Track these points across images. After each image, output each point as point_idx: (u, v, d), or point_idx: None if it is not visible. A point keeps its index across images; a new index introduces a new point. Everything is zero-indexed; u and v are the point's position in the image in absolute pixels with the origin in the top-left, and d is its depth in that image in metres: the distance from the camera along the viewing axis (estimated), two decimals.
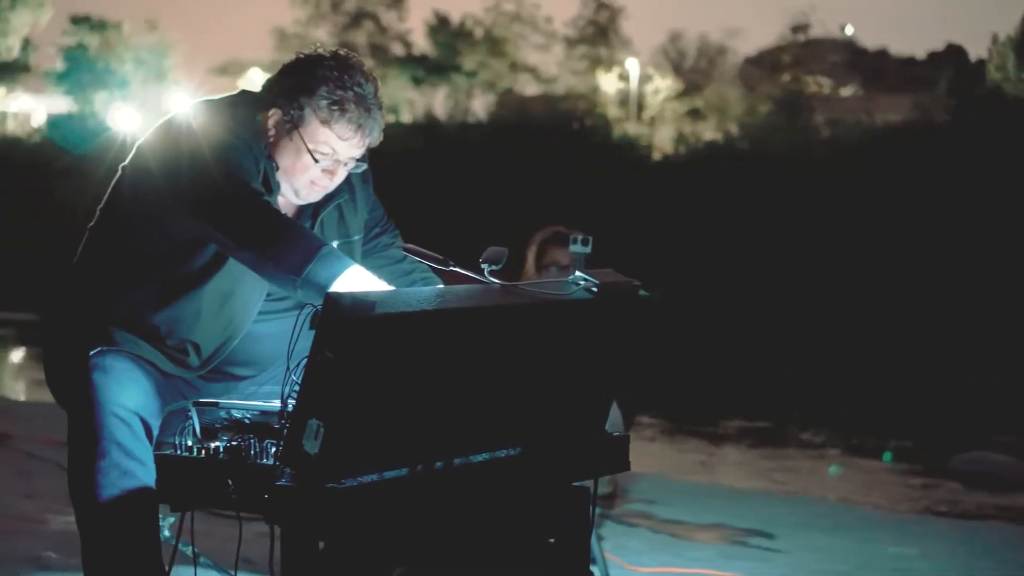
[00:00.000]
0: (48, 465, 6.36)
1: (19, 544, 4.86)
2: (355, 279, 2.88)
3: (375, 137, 3.26)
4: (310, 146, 3.20)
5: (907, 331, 19.54)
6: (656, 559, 5.03)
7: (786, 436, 10.92)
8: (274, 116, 3.24)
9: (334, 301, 2.50)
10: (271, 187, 3.24)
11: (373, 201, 3.52)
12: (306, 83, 3.21)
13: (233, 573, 3.23)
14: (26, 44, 62.57)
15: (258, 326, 3.31)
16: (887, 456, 9.96)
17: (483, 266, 3.01)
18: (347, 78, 3.20)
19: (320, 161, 3.22)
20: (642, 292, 3.10)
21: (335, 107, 3.17)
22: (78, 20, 59.22)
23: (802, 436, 11.02)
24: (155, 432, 3.13)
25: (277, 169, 3.25)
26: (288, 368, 2.80)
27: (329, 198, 3.34)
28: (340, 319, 2.49)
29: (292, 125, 3.21)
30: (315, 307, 2.69)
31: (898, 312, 21.91)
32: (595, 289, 2.99)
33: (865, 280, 24.81)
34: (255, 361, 3.36)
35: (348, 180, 3.36)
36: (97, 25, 58.75)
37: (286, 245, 2.94)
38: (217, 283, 3.21)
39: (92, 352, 3.17)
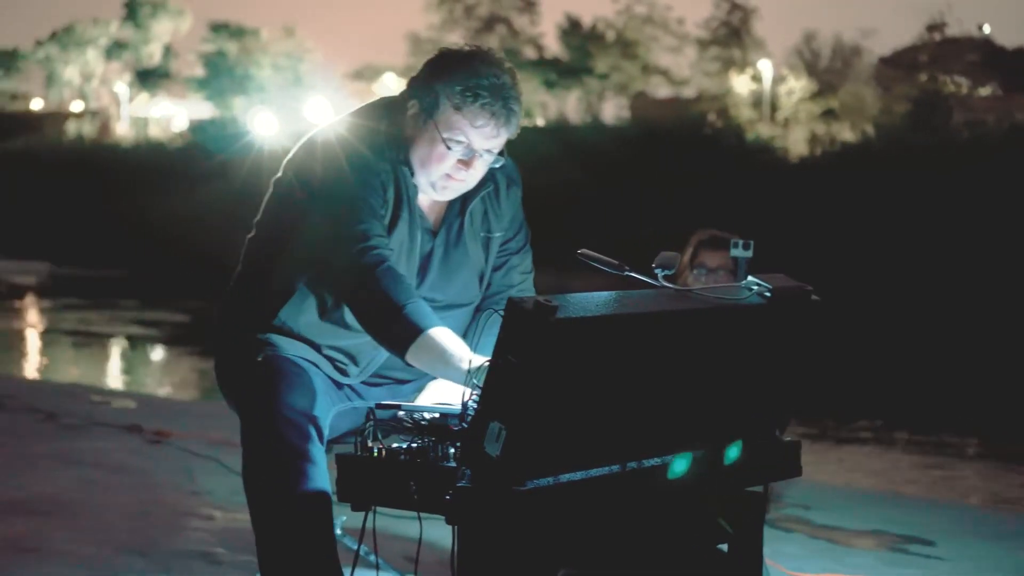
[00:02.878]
0: (208, 463, 6.50)
1: (189, 539, 4.97)
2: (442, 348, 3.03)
3: (511, 128, 3.26)
4: (444, 134, 3.23)
5: None
6: (816, 564, 4.99)
7: (939, 441, 10.76)
8: (412, 109, 3.29)
9: (516, 305, 2.53)
10: (401, 198, 3.28)
11: (517, 208, 3.52)
12: (442, 72, 3.25)
13: (414, 572, 3.27)
14: (167, 51, 63.98)
15: None
16: None
17: (656, 271, 3.03)
18: (482, 67, 3.22)
19: (452, 149, 3.24)
20: (815, 297, 3.09)
21: (468, 93, 3.20)
22: (217, 27, 60.31)
23: (956, 441, 10.85)
24: (326, 433, 3.20)
25: (413, 175, 3.30)
26: (468, 372, 2.85)
27: (475, 191, 3.38)
28: (522, 323, 2.53)
29: (427, 114, 3.25)
30: (496, 311, 2.72)
31: None
32: (768, 294, 2.99)
33: (1008, 284, 24.29)
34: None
35: (493, 177, 3.39)
36: (236, 32, 59.77)
37: (385, 335, 3.11)
38: None
39: (260, 357, 3.25)
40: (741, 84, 48.66)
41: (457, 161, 3.26)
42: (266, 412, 3.12)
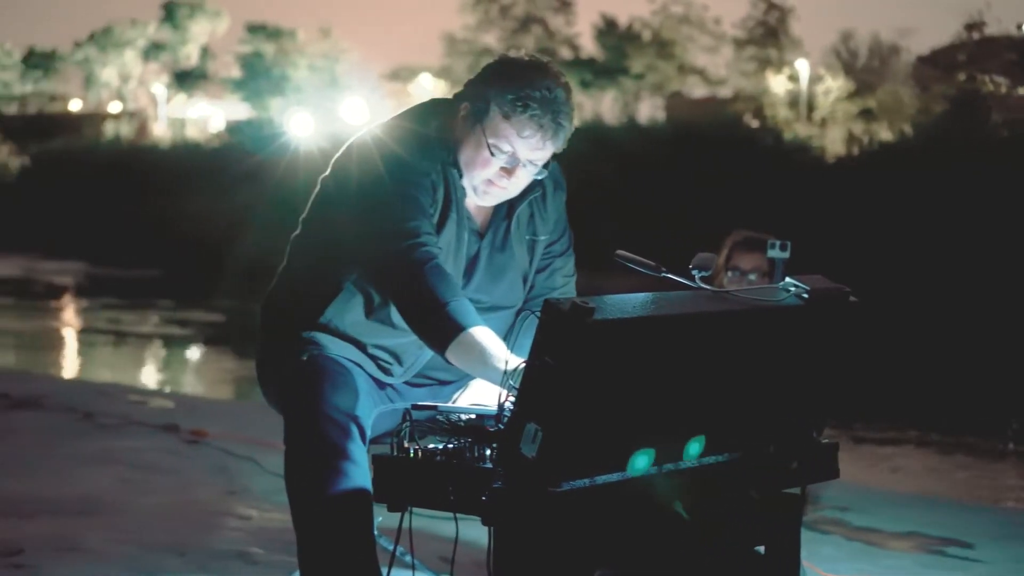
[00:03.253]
0: (245, 462, 6.52)
1: (225, 539, 4.99)
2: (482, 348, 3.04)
3: (558, 142, 3.27)
4: (490, 140, 3.23)
5: None
6: (853, 567, 4.97)
7: (977, 443, 10.70)
8: (463, 111, 3.30)
9: (553, 307, 2.53)
10: (450, 199, 3.29)
11: (561, 212, 3.54)
12: (496, 79, 3.27)
13: (449, 573, 3.27)
14: (204, 52, 64.30)
15: None
16: None
17: (693, 272, 3.02)
18: (537, 79, 3.23)
19: (496, 156, 3.24)
20: (852, 298, 3.07)
21: (519, 103, 3.20)
22: (254, 28, 60.56)
23: (994, 443, 10.78)
24: (368, 433, 3.21)
25: (461, 177, 3.30)
26: (504, 372, 2.85)
27: (523, 195, 3.38)
28: (559, 325, 2.52)
29: (476, 118, 3.26)
30: (532, 312, 2.72)
31: None
32: (806, 295, 2.97)
33: None
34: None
35: (540, 181, 3.39)
36: (272, 33, 60.00)
37: (427, 330, 3.12)
38: None
39: (304, 356, 3.26)
40: (778, 84, 48.48)
41: (500, 168, 3.27)
42: (309, 411, 3.13)
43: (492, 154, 3.24)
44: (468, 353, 3.06)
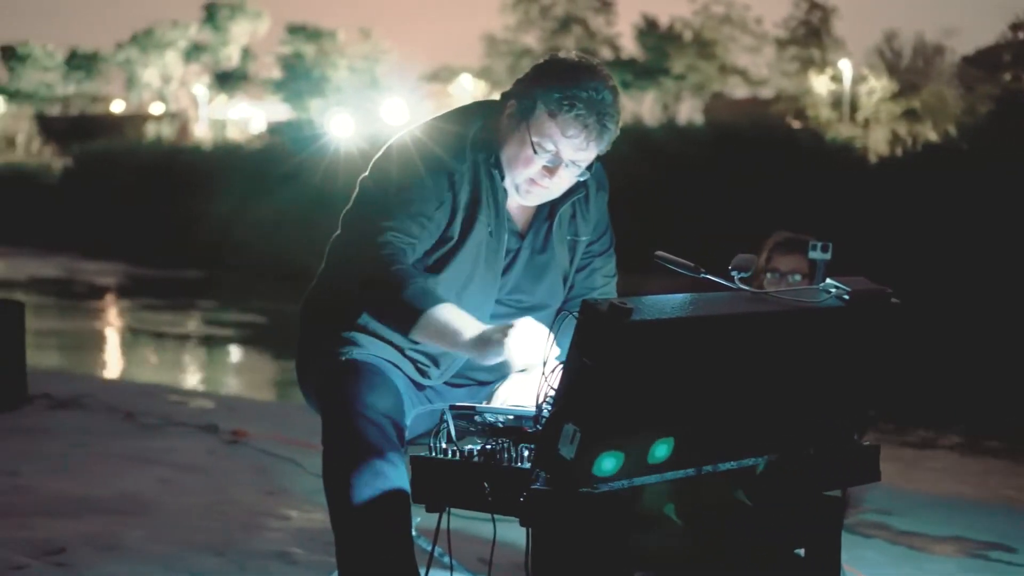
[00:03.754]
0: (285, 463, 6.53)
1: (265, 539, 4.99)
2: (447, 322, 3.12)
3: (602, 144, 3.26)
4: (534, 138, 3.23)
5: None
6: (896, 571, 4.93)
7: (1021, 447, 10.61)
8: (510, 108, 3.30)
9: (591, 307, 2.51)
10: (480, 199, 3.28)
11: (603, 212, 3.53)
12: (544, 77, 3.26)
13: (487, 574, 3.26)
14: (245, 53, 64.64)
15: None
16: None
17: (732, 273, 3.00)
18: (585, 80, 3.22)
19: (539, 154, 3.23)
20: (895, 300, 3.04)
21: (565, 102, 3.19)
22: (295, 29, 60.83)
23: None
24: (405, 433, 3.21)
25: (503, 177, 3.29)
26: (543, 373, 2.83)
27: (566, 196, 3.37)
28: (597, 325, 2.51)
29: (522, 115, 3.25)
30: (570, 313, 2.70)
31: None
32: (847, 297, 2.95)
33: None
34: (495, 367, 3.41)
35: (584, 181, 3.38)
36: (313, 34, 60.25)
37: (391, 319, 3.22)
38: (451, 284, 3.29)
39: (342, 356, 3.26)
40: (820, 84, 48.29)
41: (543, 167, 3.26)
42: (347, 412, 3.13)
43: (535, 152, 3.24)
44: (426, 334, 3.15)
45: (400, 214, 3.24)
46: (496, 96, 3.43)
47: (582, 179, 3.33)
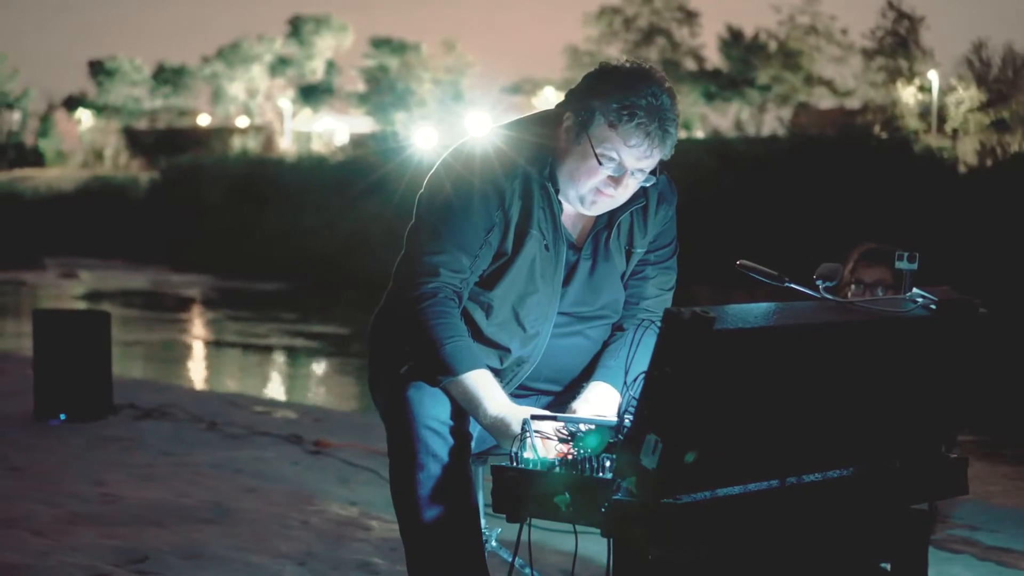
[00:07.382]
0: (367, 473, 6.55)
1: (348, 549, 5.00)
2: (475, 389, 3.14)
3: (665, 150, 3.20)
4: (596, 149, 3.18)
5: None
6: None
7: None
8: (567, 121, 3.26)
9: (674, 316, 2.49)
10: (532, 214, 3.25)
11: (667, 227, 3.47)
12: (600, 87, 3.21)
13: None
14: (330, 66, 65.15)
15: (560, 340, 3.36)
16: None
17: (817, 282, 2.96)
18: (642, 86, 3.16)
19: (603, 165, 3.19)
20: (982, 310, 2.99)
21: (624, 111, 3.14)
22: (379, 42, 61.20)
23: None
24: (472, 444, 3.20)
25: (558, 191, 3.27)
26: (625, 383, 2.81)
27: (625, 205, 3.33)
28: (680, 335, 2.48)
29: (581, 127, 3.21)
30: (653, 322, 2.68)
31: None
32: (933, 307, 2.90)
33: None
34: (559, 377, 3.40)
35: (644, 192, 3.34)
36: (397, 47, 60.60)
37: (425, 362, 3.18)
38: (506, 298, 3.28)
39: (406, 369, 3.26)
40: (908, 94, 47.78)
41: (607, 177, 3.22)
42: (411, 423, 3.13)
43: (600, 163, 3.19)
44: (456, 395, 3.15)
45: (451, 247, 3.23)
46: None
47: (647, 184, 3.29)
